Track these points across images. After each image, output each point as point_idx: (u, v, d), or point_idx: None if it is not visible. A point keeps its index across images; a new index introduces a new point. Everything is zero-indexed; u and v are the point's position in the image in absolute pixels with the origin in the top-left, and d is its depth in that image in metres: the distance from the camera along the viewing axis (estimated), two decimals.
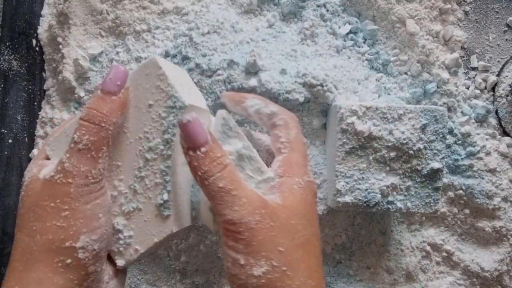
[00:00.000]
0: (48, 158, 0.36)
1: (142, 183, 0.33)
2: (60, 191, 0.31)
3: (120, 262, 0.34)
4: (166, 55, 0.48)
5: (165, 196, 0.33)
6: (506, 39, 0.52)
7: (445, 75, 0.49)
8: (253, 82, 0.45)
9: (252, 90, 0.45)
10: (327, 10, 0.50)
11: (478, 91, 0.51)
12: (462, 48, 0.52)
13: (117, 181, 0.34)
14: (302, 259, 0.30)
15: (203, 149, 0.30)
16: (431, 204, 0.44)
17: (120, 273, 0.35)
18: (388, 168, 0.43)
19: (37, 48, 0.53)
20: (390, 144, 0.43)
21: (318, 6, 0.50)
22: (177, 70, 0.37)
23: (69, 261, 0.30)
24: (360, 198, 0.43)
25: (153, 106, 0.33)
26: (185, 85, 0.35)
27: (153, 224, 0.33)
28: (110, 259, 0.34)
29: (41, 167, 0.33)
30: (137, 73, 0.34)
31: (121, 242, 0.34)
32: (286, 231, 0.30)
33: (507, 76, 0.51)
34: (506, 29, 0.53)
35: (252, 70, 0.45)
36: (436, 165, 0.43)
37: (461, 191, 0.49)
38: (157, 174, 0.33)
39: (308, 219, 0.32)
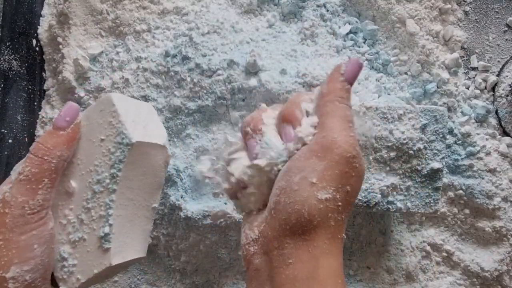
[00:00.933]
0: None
1: (88, 214, 0.34)
2: (4, 222, 0.31)
3: None
4: (166, 55, 0.48)
5: (106, 229, 0.34)
6: (506, 39, 0.52)
7: (445, 75, 0.49)
8: (253, 82, 0.45)
9: (252, 90, 0.45)
10: (327, 10, 0.50)
11: (478, 91, 0.51)
12: (462, 48, 0.52)
13: (67, 210, 0.35)
14: (351, 205, 0.31)
15: (348, 85, 0.32)
16: (431, 204, 0.44)
17: None
18: (388, 168, 0.43)
19: (37, 48, 0.53)
20: (390, 144, 0.43)
21: (318, 6, 0.50)
22: (138, 105, 0.38)
23: None
24: (360, 198, 0.43)
25: (104, 141, 0.35)
26: (141, 122, 0.36)
27: (94, 255, 0.34)
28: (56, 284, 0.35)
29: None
30: (93, 108, 0.36)
31: (65, 269, 0.34)
32: (360, 179, 0.31)
33: (507, 76, 0.51)
34: (506, 29, 0.53)
35: (252, 70, 0.45)
36: (436, 165, 0.43)
37: (461, 191, 0.49)
38: (102, 206, 0.34)
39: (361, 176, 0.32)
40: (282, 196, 0.30)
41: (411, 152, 0.43)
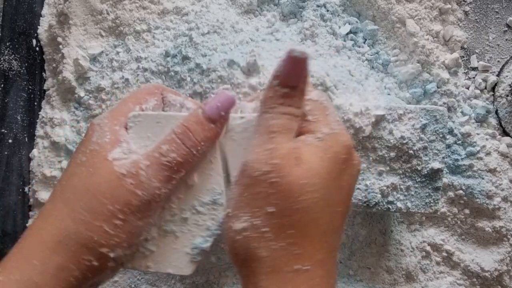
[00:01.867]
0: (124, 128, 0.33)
1: (196, 217, 0.32)
2: (124, 197, 0.29)
3: (126, 266, 0.33)
4: (166, 55, 0.48)
5: (204, 245, 0.32)
6: (506, 39, 0.52)
7: (445, 75, 0.49)
8: (253, 82, 0.45)
9: (252, 90, 0.45)
10: (327, 10, 0.50)
11: (478, 91, 0.51)
12: (462, 48, 0.52)
13: (175, 197, 0.32)
14: (294, 225, 0.27)
15: (285, 90, 0.28)
16: (431, 204, 0.44)
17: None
18: (388, 168, 0.43)
19: (37, 48, 0.53)
20: (390, 144, 0.43)
21: (318, 6, 0.50)
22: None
23: (96, 264, 0.29)
24: (360, 198, 0.43)
25: None
26: None
27: (179, 258, 0.32)
28: None
29: (114, 142, 0.31)
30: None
31: (141, 249, 0.32)
32: (289, 191, 0.27)
33: (507, 76, 0.51)
34: (506, 29, 0.53)
35: (252, 70, 0.46)
36: (436, 165, 0.43)
37: (461, 191, 0.49)
38: (213, 220, 0.32)
39: (322, 179, 0.28)
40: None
41: (411, 152, 0.43)
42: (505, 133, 0.51)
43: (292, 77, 0.28)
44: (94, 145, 0.31)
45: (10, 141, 0.52)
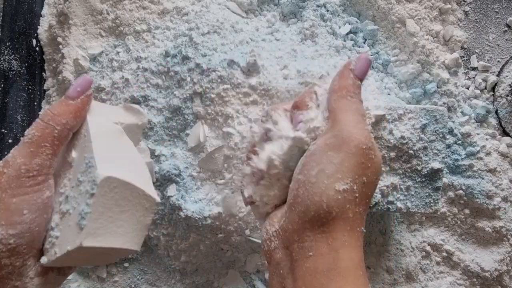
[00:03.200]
0: None
1: (79, 187, 0.33)
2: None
3: (42, 260, 0.33)
4: (166, 55, 0.48)
5: (86, 208, 0.31)
6: (506, 39, 0.52)
7: (445, 75, 0.49)
8: (253, 82, 0.45)
9: (252, 90, 0.45)
10: (327, 10, 0.50)
11: (478, 91, 0.51)
12: (462, 48, 0.52)
13: (66, 180, 0.34)
14: (369, 196, 0.32)
15: (358, 81, 0.34)
16: (431, 204, 0.44)
17: (51, 271, 0.34)
18: (388, 168, 0.43)
19: (37, 48, 0.53)
20: (390, 144, 0.43)
21: (318, 6, 0.50)
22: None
23: None
24: None
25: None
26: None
27: (72, 231, 0.32)
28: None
29: None
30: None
31: (49, 239, 0.33)
32: (376, 170, 0.32)
33: (507, 76, 0.51)
34: (506, 29, 0.53)
35: (252, 70, 0.45)
36: (436, 165, 0.43)
37: (461, 191, 0.49)
38: (89, 182, 0.32)
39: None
40: (301, 189, 0.31)
41: (411, 152, 0.43)
42: (505, 133, 0.51)
43: (365, 72, 0.34)
44: None
45: (10, 141, 0.52)
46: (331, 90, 0.34)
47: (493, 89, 0.51)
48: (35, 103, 0.53)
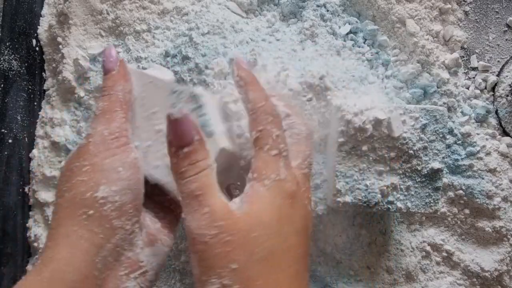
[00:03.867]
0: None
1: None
2: (82, 150, 0.33)
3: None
4: (166, 55, 0.48)
5: (206, 116, 0.35)
6: (506, 39, 0.52)
7: (445, 75, 0.49)
8: None
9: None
10: (327, 10, 0.50)
11: (478, 91, 0.51)
12: (462, 48, 0.52)
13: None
14: (260, 275, 0.28)
15: (186, 149, 0.30)
16: (431, 204, 0.44)
17: (156, 242, 0.34)
18: (388, 168, 0.43)
19: (37, 48, 0.53)
20: (390, 144, 0.43)
21: (318, 6, 0.50)
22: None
23: (91, 212, 0.31)
24: (360, 198, 0.43)
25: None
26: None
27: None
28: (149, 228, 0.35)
29: None
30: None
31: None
32: (245, 246, 0.28)
33: (507, 76, 0.51)
34: (506, 29, 0.53)
35: (252, 70, 0.45)
36: (436, 165, 0.43)
37: (461, 191, 0.49)
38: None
39: (274, 227, 0.29)
40: None
41: (411, 152, 0.43)
42: (505, 133, 0.51)
43: (183, 135, 0.30)
44: None
45: (10, 141, 0.52)
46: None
47: (493, 89, 0.51)
48: (35, 103, 0.53)
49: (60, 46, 0.50)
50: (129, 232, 0.32)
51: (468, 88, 0.51)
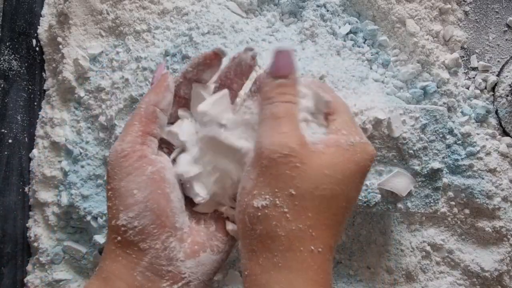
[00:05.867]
0: None
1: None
2: (107, 170, 0.32)
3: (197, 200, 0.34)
4: (166, 54, 0.48)
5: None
6: (506, 39, 0.52)
7: (445, 75, 0.49)
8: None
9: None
10: (327, 10, 0.50)
11: (478, 91, 0.51)
12: (462, 48, 0.52)
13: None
14: (313, 209, 0.28)
15: (280, 80, 0.31)
16: (431, 204, 0.44)
17: (202, 251, 0.33)
18: (388, 168, 0.43)
19: (37, 48, 0.53)
20: (390, 144, 0.43)
21: (318, 6, 0.50)
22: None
23: (118, 238, 0.31)
24: (360, 198, 0.43)
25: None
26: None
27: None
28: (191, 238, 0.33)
29: None
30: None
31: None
32: (311, 177, 0.28)
33: (507, 76, 0.51)
34: (506, 29, 0.53)
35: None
36: (436, 165, 0.43)
37: (461, 191, 0.49)
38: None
39: (345, 176, 0.29)
40: (236, 207, 0.31)
41: (411, 152, 0.43)
42: (505, 133, 0.51)
43: (283, 67, 0.31)
44: None
45: (10, 141, 0.52)
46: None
47: (493, 89, 0.51)
48: (35, 103, 0.53)
49: (60, 46, 0.50)
50: (162, 250, 0.31)
51: (468, 88, 0.51)
